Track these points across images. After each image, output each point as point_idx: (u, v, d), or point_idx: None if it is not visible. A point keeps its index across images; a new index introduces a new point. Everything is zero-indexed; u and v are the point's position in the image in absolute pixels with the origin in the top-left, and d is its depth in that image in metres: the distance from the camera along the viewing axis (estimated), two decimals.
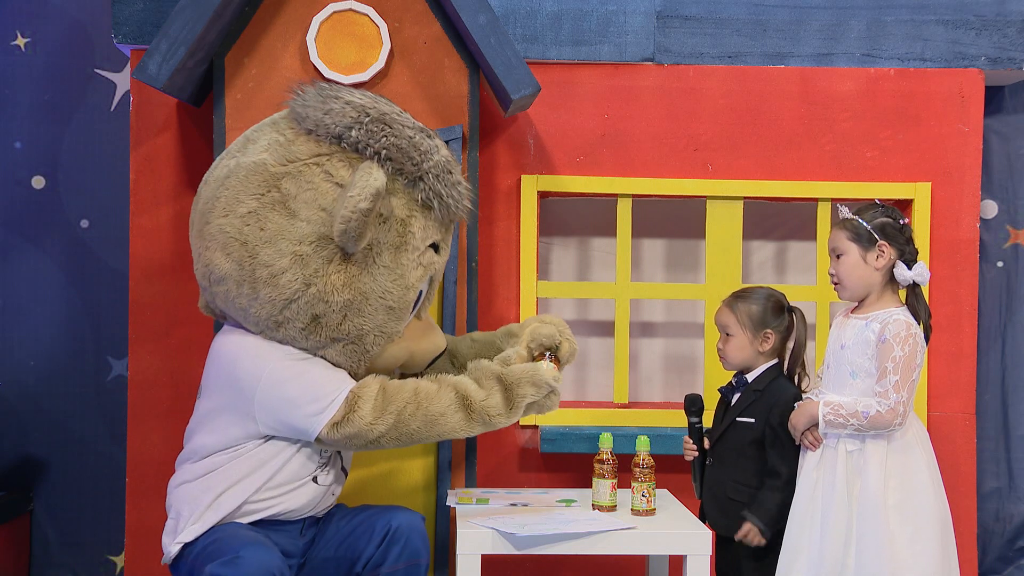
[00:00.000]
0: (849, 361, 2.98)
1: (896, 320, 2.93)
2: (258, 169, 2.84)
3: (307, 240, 2.78)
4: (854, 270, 2.99)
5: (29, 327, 4.20)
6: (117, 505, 3.91)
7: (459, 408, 2.85)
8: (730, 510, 3.14)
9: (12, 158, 4.20)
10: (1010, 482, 4.10)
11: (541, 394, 2.94)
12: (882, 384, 2.89)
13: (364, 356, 2.90)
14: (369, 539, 2.91)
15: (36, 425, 4.20)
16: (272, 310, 2.81)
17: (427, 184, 2.84)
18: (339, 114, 2.82)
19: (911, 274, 2.98)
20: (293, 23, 3.45)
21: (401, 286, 2.86)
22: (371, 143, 2.81)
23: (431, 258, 2.94)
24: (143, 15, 3.61)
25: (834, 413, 2.92)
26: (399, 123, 2.84)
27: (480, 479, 3.71)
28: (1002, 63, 3.79)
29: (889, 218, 2.99)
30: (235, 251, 2.81)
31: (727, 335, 3.19)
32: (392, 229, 2.83)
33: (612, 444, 3.11)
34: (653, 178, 3.77)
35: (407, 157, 2.82)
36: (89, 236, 4.19)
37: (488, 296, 3.75)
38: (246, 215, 2.81)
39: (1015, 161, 4.12)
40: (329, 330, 2.83)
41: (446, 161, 2.89)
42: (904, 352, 2.89)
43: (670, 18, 3.77)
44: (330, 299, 2.79)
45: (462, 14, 3.32)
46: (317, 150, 2.83)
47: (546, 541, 2.86)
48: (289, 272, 2.78)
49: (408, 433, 2.83)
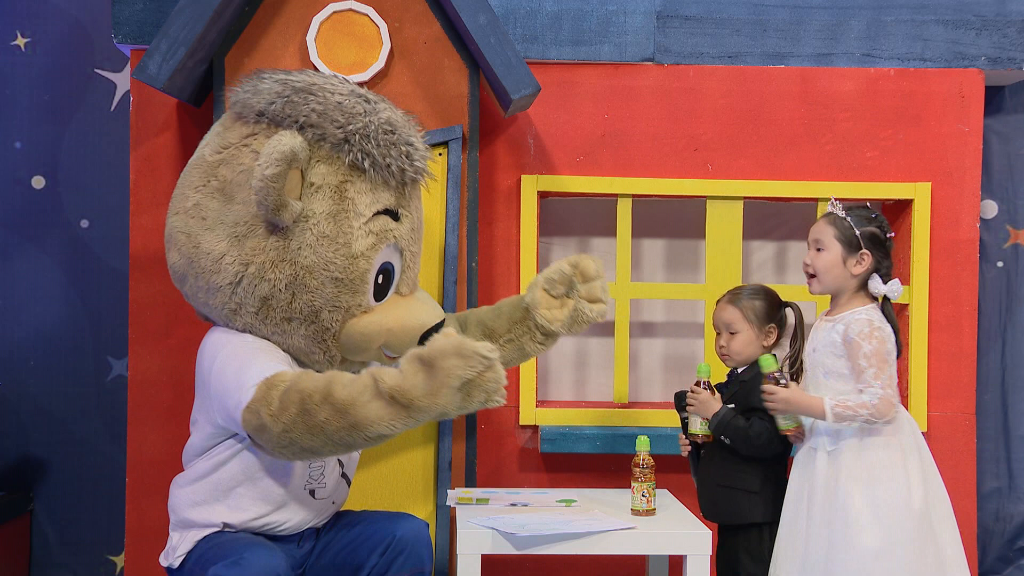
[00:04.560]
0: (820, 363, 3.00)
1: (858, 319, 2.94)
2: (198, 163, 2.86)
3: (242, 221, 2.75)
4: (832, 268, 2.99)
5: (29, 327, 4.20)
6: (117, 505, 3.90)
7: (374, 395, 2.48)
8: (719, 496, 3.18)
9: (12, 158, 4.20)
10: (1010, 482, 4.10)
11: (473, 368, 2.46)
12: (862, 380, 2.91)
13: (327, 335, 2.79)
14: (372, 548, 2.87)
15: (36, 425, 4.20)
16: (223, 298, 2.78)
17: (353, 145, 2.73)
18: (265, 92, 2.79)
19: (884, 289, 3.00)
20: (293, 23, 3.45)
21: (345, 255, 2.75)
22: (291, 113, 2.74)
23: (385, 225, 2.81)
24: (143, 15, 3.61)
25: (842, 406, 2.90)
26: (326, 90, 2.77)
27: (480, 479, 3.71)
28: (1002, 63, 3.79)
29: (879, 229, 3.00)
30: (183, 245, 2.82)
31: (731, 332, 3.20)
32: (327, 197, 2.74)
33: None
34: (653, 178, 3.77)
35: (329, 120, 2.73)
36: (89, 236, 4.19)
37: (488, 296, 3.74)
38: (191, 208, 2.82)
39: (1015, 161, 4.12)
40: (281, 310, 2.76)
41: (382, 122, 2.77)
42: (872, 346, 2.90)
43: (670, 18, 3.77)
44: (270, 276, 2.73)
45: (462, 14, 3.32)
46: (246, 131, 2.80)
47: (546, 541, 2.86)
48: (228, 255, 2.75)
49: (319, 425, 2.50)
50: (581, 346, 4.00)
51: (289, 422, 2.52)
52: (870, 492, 2.90)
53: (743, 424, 3.10)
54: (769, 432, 3.09)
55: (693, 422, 3.18)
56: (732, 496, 3.16)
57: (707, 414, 3.14)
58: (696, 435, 3.18)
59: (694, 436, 3.18)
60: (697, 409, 3.16)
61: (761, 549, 3.13)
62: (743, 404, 3.16)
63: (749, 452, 3.12)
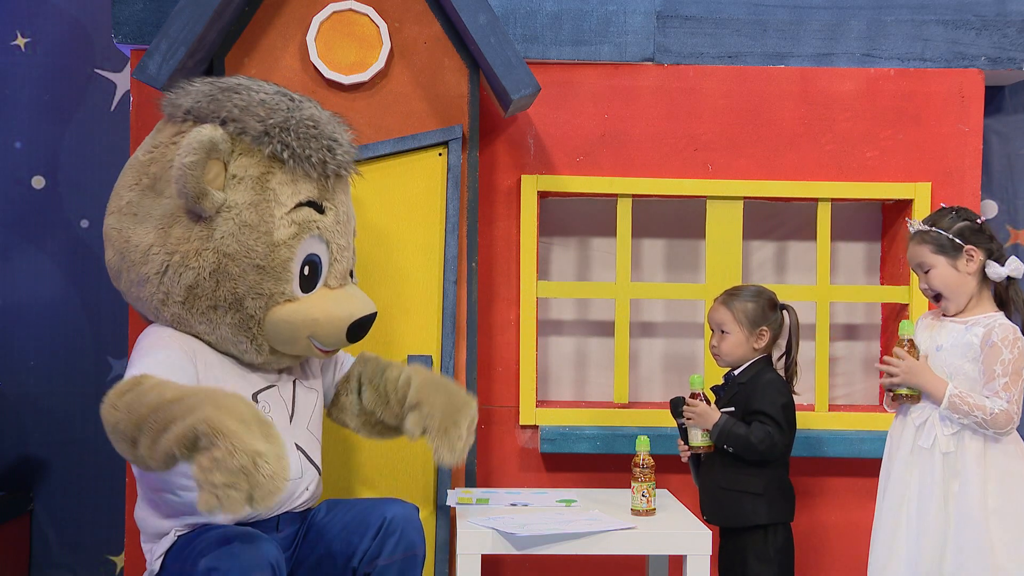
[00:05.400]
0: (947, 363, 2.95)
1: (1002, 324, 2.91)
2: (132, 164, 2.95)
3: (168, 213, 2.82)
4: (949, 281, 2.95)
5: (29, 327, 4.20)
6: (117, 505, 3.91)
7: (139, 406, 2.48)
8: (723, 499, 3.19)
9: (12, 158, 4.20)
10: None
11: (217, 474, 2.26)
12: (990, 387, 2.88)
13: (251, 323, 2.83)
14: (364, 533, 2.89)
15: (36, 425, 4.20)
16: (151, 288, 2.84)
17: (273, 137, 2.81)
18: (193, 92, 2.88)
19: (1005, 270, 2.96)
20: (293, 23, 3.45)
21: (266, 243, 2.81)
22: (215, 110, 2.82)
23: (308, 216, 2.86)
24: (143, 15, 3.61)
25: (960, 399, 2.87)
26: (251, 89, 2.86)
27: (480, 479, 3.71)
28: (1002, 63, 3.79)
29: (966, 220, 2.97)
30: (115, 241, 2.89)
31: (722, 332, 3.22)
32: (248, 188, 2.81)
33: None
34: (653, 178, 3.77)
35: (251, 115, 2.81)
36: (89, 236, 4.19)
37: (488, 296, 3.75)
38: (124, 206, 2.89)
39: (1015, 161, 4.12)
40: (206, 298, 2.81)
41: (304, 117, 2.85)
42: (1013, 355, 2.87)
43: (670, 18, 3.77)
44: (194, 264, 2.79)
45: (462, 14, 3.32)
46: (174, 130, 2.88)
47: (546, 541, 2.86)
48: (155, 245, 2.82)
49: (129, 428, 2.48)
50: (581, 346, 4.00)
51: (116, 420, 2.53)
52: (1000, 494, 2.87)
53: (744, 432, 3.10)
54: (772, 436, 3.09)
55: (693, 434, 3.18)
56: (736, 499, 3.16)
57: (707, 425, 3.14)
58: (698, 447, 3.18)
59: (696, 448, 3.18)
60: (696, 421, 3.16)
61: (767, 550, 3.14)
62: (743, 408, 3.15)
63: (753, 458, 3.12)
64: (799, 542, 3.35)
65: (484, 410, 3.75)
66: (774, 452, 3.12)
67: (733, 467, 3.16)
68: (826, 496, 3.78)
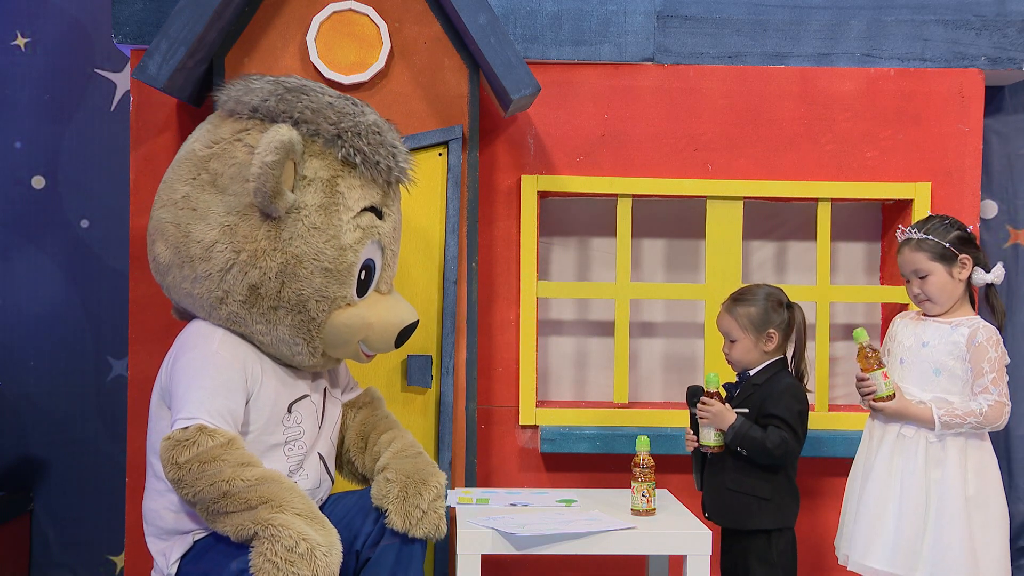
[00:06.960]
0: (933, 359, 3.07)
1: (986, 326, 3.06)
2: (188, 157, 2.92)
3: (234, 211, 2.81)
4: (944, 287, 3.08)
5: (29, 327, 4.20)
6: (117, 505, 3.90)
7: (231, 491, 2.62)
8: (729, 501, 3.17)
9: (12, 158, 4.20)
10: (1010, 482, 4.09)
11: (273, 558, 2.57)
12: (980, 383, 3.02)
13: (312, 325, 2.85)
14: (365, 516, 2.90)
15: (36, 425, 4.20)
16: (211, 285, 2.82)
17: (346, 141, 2.83)
18: (258, 91, 2.87)
19: (990, 276, 3.10)
20: (293, 23, 3.45)
21: (335, 247, 2.83)
22: (285, 110, 2.83)
23: (371, 221, 2.90)
24: (143, 15, 3.61)
25: (949, 415, 3.01)
26: (317, 92, 2.87)
27: (480, 479, 3.71)
28: (1002, 63, 3.79)
29: (959, 230, 3.08)
30: (171, 235, 2.86)
31: (731, 340, 3.20)
32: (319, 190, 2.82)
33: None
34: (653, 178, 3.77)
35: (323, 117, 2.83)
36: (89, 236, 4.19)
37: (488, 296, 3.75)
38: (180, 200, 2.87)
39: (1015, 161, 4.12)
40: (269, 299, 2.81)
41: (371, 123, 2.88)
42: (997, 353, 3.04)
43: (670, 18, 3.77)
44: (261, 264, 2.79)
45: (462, 14, 3.32)
46: (238, 127, 2.87)
47: (546, 541, 2.86)
48: (220, 243, 2.80)
49: (201, 494, 2.63)
50: (581, 346, 4.00)
51: (178, 478, 2.64)
52: (977, 482, 3.03)
53: (760, 435, 3.09)
54: (787, 442, 3.08)
55: (706, 434, 3.15)
56: (743, 502, 3.15)
57: (722, 425, 3.12)
58: (710, 446, 3.16)
59: (707, 447, 3.16)
60: (711, 421, 3.13)
61: (770, 553, 3.14)
62: (757, 409, 3.14)
63: (765, 462, 3.11)
64: (799, 542, 3.34)
65: (484, 410, 3.76)
66: (787, 458, 3.12)
67: (742, 469, 3.14)
68: (826, 496, 3.78)
